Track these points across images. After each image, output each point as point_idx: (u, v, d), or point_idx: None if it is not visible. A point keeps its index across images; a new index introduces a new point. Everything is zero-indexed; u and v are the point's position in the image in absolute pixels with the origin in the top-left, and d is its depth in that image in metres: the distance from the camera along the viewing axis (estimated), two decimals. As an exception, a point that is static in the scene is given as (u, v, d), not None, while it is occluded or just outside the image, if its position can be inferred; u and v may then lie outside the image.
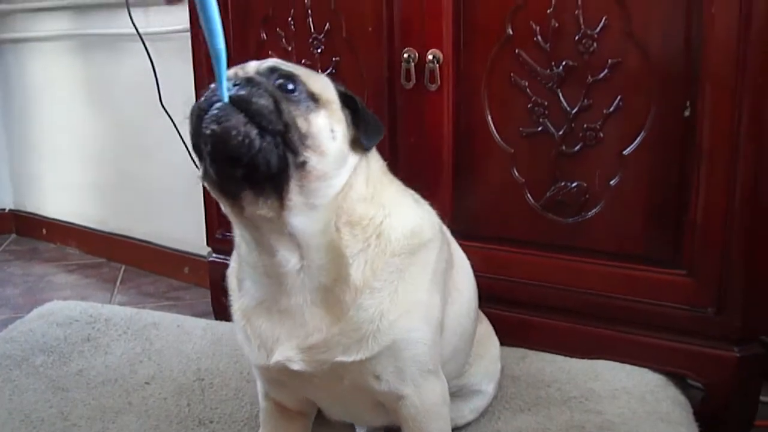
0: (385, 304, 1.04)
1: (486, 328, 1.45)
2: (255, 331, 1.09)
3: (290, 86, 0.98)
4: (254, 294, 1.09)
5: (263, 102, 0.94)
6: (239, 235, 1.07)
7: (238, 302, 1.13)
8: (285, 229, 1.00)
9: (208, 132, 0.92)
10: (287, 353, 1.05)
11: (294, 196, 0.97)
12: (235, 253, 1.14)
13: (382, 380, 1.07)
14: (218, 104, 0.93)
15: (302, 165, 0.96)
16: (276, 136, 0.94)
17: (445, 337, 1.16)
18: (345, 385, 1.09)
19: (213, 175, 0.97)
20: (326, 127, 0.99)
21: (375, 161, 1.10)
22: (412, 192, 1.17)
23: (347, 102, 1.06)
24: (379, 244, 1.05)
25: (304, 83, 1.00)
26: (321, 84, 1.04)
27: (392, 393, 1.09)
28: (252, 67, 1.02)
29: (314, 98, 1.00)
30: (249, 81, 0.96)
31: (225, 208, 1.03)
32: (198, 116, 0.95)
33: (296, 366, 1.05)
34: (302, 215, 0.99)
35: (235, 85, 0.95)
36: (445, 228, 1.22)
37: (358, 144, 1.05)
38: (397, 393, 1.09)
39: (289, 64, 1.04)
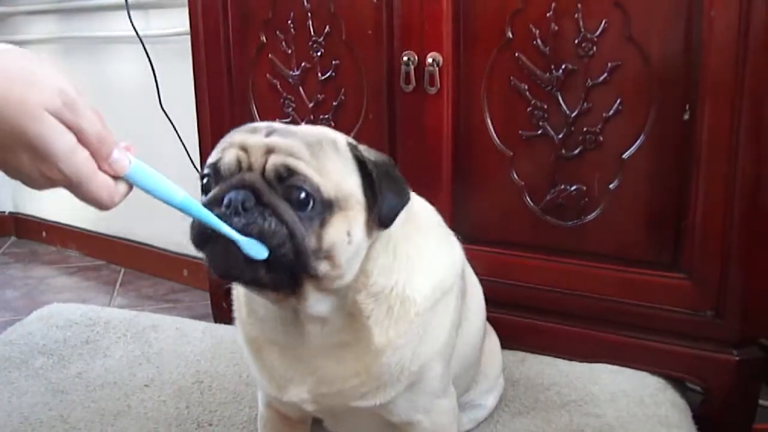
0: (407, 357, 1.00)
1: (492, 343, 1.44)
2: (266, 364, 1.05)
3: (302, 196, 0.87)
4: (267, 333, 1.04)
5: (275, 242, 0.85)
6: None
7: (246, 328, 1.07)
8: (305, 310, 0.96)
9: (210, 263, 0.88)
10: (300, 395, 1.02)
11: (309, 294, 0.93)
12: None
13: (394, 414, 1.06)
14: (223, 238, 0.84)
15: (316, 277, 0.90)
16: (286, 263, 0.87)
17: (451, 364, 1.14)
18: (357, 416, 1.09)
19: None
20: (341, 234, 0.90)
21: (401, 220, 1.00)
22: (435, 225, 1.11)
23: (365, 170, 0.94)
24: (403, 308, 0.99)
25: (318, 187, 0.87)
26: (337, 171, 0.91)
27: (405, 421, 1.08)
28: (256, 156, 0.89)
29: (329, 204, 0.88)
30: (255, 195, 0.86)
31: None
32: (200, 233, 0.87)
33: (309, 407, 1.04)
34: (320, 303, 0.95)
35: (242, 205, 0.85)
36: (462, 253, 1.15)
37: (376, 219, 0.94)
38: (409, 420, 1.08)
39: (298, 150, 0.89)
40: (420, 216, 1.07)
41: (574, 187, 1.53)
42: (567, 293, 1.58)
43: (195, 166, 2.09)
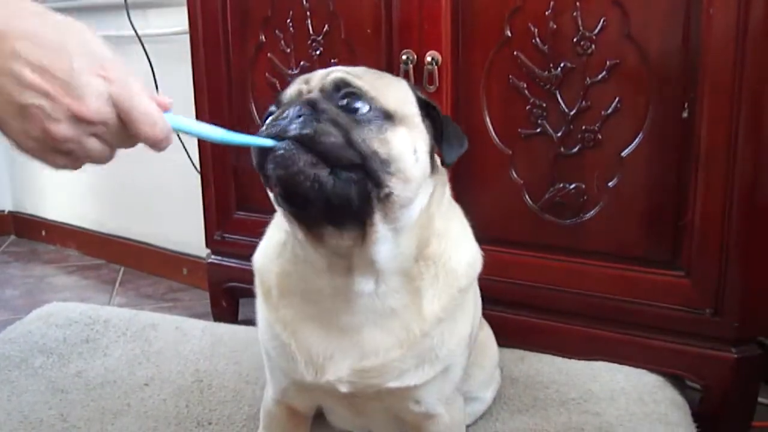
0: (446, 334, 1.01)
1: (486, 335, 1.44)
2: (302, 346, 1.02)
3: (359, 104, 0.88)
4: (307, 309, 1.01)
5: (332, 139, 0.84)
6: (306, 257, 0.99)
7: (279, 311, 1.04)
8: (367, 257, 0.93)
9: (274, 175, 0.85)
10: (339, 373, 1.00)
11: (379, 227, 0.91)
12: (274, 251, 1.05)
13: (422, 403, 1.06)
14: (281, 145, 0.83)
15: (387, 196, 0.88)
16: (353, 170, 0.85)
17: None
18: (380, 406, 1.08)
19: (287, 208, 0.91)
20: (409, 148, 0.90)
21: (446, 187, 1.04)
22: (461, 212, 1.13)
23: (428, 110, 0.97)
24: (447, 279, 1.00)
25: (375, 99, 0.89)
26: (397, 96, 0.93)
27: (427, 413, 1.08)
28: (316, 81, 0.92)
29: (389, 116, 0.89)
30: (311, 106, 0.86)
31: (299, 234, 0.95)
32: (260, 153, 0.86)
33: (344, 388, 1.01)
34: (386, 242, 0.93)
35: (298, 116, 0.85)
36: None
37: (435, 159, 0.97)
38: (431, 413, 1.08)
39: (359, 72, 0.92)
40: (455, 203, 1.11)
41: (573, 186, 1.53)
42: (566, 291, 1.58)
43: (194, 166, 2.09)
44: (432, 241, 0.99)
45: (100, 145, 0.72)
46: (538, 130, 1.54)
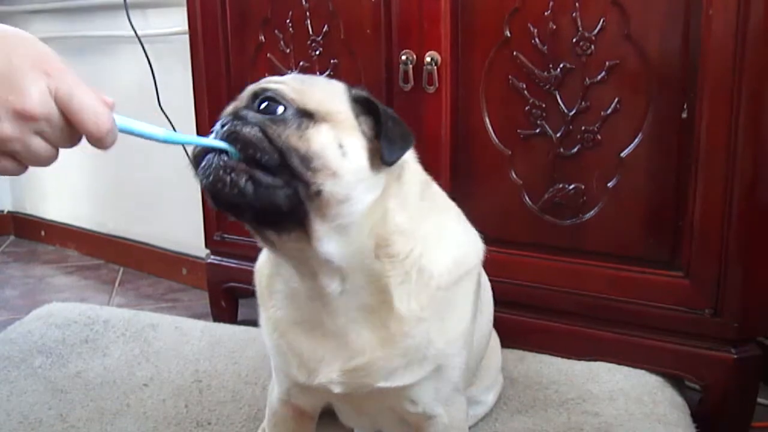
0: (432, 332, 0.99)
1: (493, 340, 1.44)
2: (293, 348, 1.03)
3: (276, 107, 0.89)
4: (293, 313, 1.03)
5: (246, 133, 0.86)
6: (283, 266, 1.01)
7: (269, 312, 1.06)
8: (319, 257, 0.93)
9: (202, 185, 0.88)
10: (331, 375, 1.00)
11: (317, 226, 0.90)
12: (266, 253, 1.08)
13: (419, 403, 1.06)
14: (206, 156, 0.87)
15: (317, 194, 0.88)
16: (277, 173, 0.86)
17: (470, 355, 1.14)
18: (379, 405, 1.09)
19: (226, 214, 0.92)
20: (331, 142, 0.89)
21: (411, 183, 1.01)
22: (454, 208, 1.12)
23: (369, 109, 0.95)
24: (421, 278, 0.98)
25: (293, 99, 0.90)
26: (321, 95, 0.93)
27: (425, 414, 1.08)
28: (245, 94, 0.95)
29: (308, 114, 0.89)
30: (233, 115, 0.90)
31: (254, 237, 0.97)
32: (195, 162, 0.89)
33: (337, 389, 1.02)
34: (333, 241, 0.92)
35: (222, 126, 0.89)
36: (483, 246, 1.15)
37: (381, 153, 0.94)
38: (429, 414, 1.08)
39: (283, 79, 0.95)
40: (438, 196, 1.09)
41: (572, 186, 1.53)
42: (565, 292, 1.58)
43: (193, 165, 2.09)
44: (395, 239, 0.96)
45: (44, 144, 0.70)
46: (538, 130, 1.54)
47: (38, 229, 3.19)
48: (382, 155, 0.92)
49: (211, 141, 0.87)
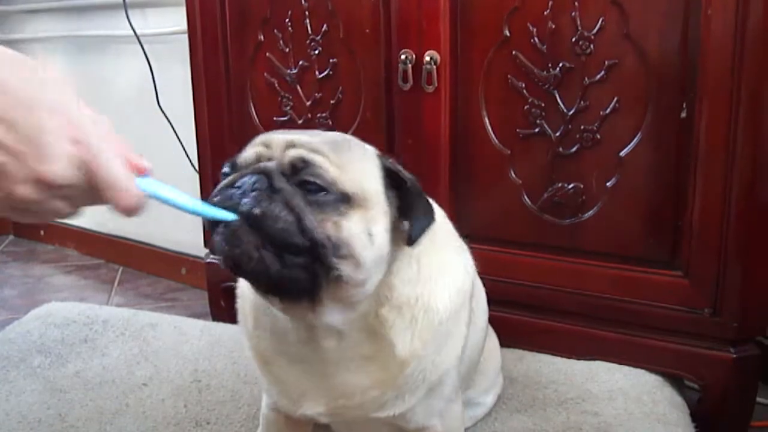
0: (428, 366, 0.98)
1: (491, 343, 1.43)
2: (277, 378, 1.02)
3: (315, 185, 0.84)
4: (277, 347, 1.00)
5: (280, 225, 0.81)
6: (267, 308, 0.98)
7: (252, 342, 1.04)
8: (320, 324, 0.92)
9: (218, 248, 0.83)
10: (316, 409, 0.99)
11: (327, 302, 0.89)
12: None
13: (412, 421, 1.05)
14: (229, 221, 0.82)
15: (337, 278, 0.85)
16: (301, 254, 0.83)
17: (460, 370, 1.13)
18: (370, 426, 1.09)
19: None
20: (361, 232, 0.86)
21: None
22: (450, 233, 1.09)
23: (395, 181, 0.91)
24: (427, 317, 0.96)
25: (334, 181, 0.84)
26: (359, 174, 0.88)
27: (419, 427, 1.07)
28: (276, 148, 0.88)
29: (347, 198, 0.85)
30: (267, 179, 0.84)
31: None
32: (210, 220, 0.84)
33: (324, 419, 1.01)
34: (338, 314, 0.91)
35: (252, 190, 0.82)
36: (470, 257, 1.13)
37: (401, 232, 0.92)
38: (424, 426, 1.07)
39: (320, 147, 0.87)
40: (437, 227, 1.03)
41: (571, 186, 1.53)
42: (564, 291, 1.58)
43: (193, 165, 2.09)
44: (401, 291, 0.95)
45: (65, 206, 0.70)
46: (537, 130, 1.54)
47: (37, 229, 3.19)
48: (409, 236, 0.90)
49: (231, 216, 0.82)
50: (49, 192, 0.67)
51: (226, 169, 0.90)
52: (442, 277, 1.00)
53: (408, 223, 0.91)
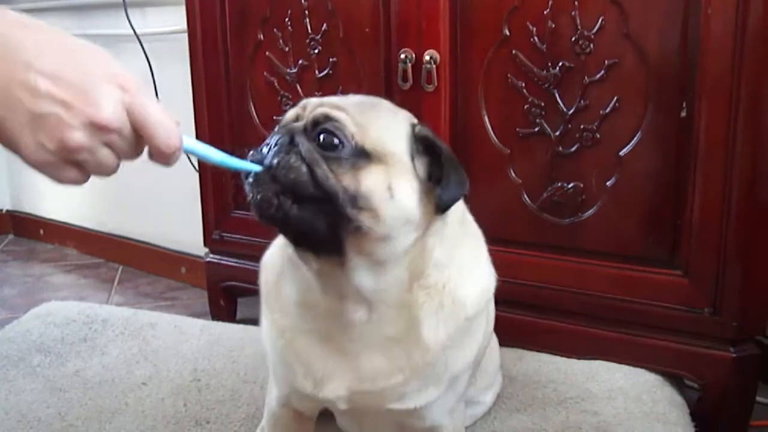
0: (450, 360, 0.99)
1: (491, 342, 1.42)
2: (301, 357, 1.01)
3: (335, 141, 0.87)
4: (303, 323, 1.00)
5: (292, 176, 0.86)
6: (302, 270, 0.97)
7: (274, 317, 1.03)
8: (351, 284, 0.92)
9: (249, 198, 0.89)
10: (339, 392, 0.99)
11: (353, 256, 0.90)
12: (280, 252, 1.04)
13: (427, 419, 1.05)
14: (253, 172, 0.88)
15: (357, 229, 0.87)
16: (320, 203, 0.86)
17: None
18: (383, 419, 1.08)
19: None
20: (380, 185, 0.87)
21: (453, 217, 0.98)
22: (480, 234, 1.10)
23: (429, 148, 0.93)
24: (454, 308, 0.97)
25: (353, 135, 0.88)
26: (382, 133, 0.90)
27: (430, 427, 1.07)
28: (309, 108, 0.93)
29: (364, 153, 0.88)
30: (290, 137, 0.89)
31: (288, 249, 0.97)
32: (245, 174, 0.90)
33: (343, 405, 1.01)
34: (367, 273, 0.92)
35: (275, 145, 0.89)
36: None
37: (432, 199, 0.92)
38: (437, 424, 1.07)
39: (348, 105, 0.92)
40: (471, 223, 1.07)
41: (571, 185, 1.53)
42: (564, 290, 1.58)
43: (192, 164, 2.09)
44: (431, 272, 0.96)
45: (111, 155, 0.72)
46: (537, 129, 1.54)
47: (37, 228, 3.19)
48: (439, 201, 0.91)
49: (256, 167, 0.88)
50: (100, 136, 0.69)
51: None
52: (471, 271, 1.01)
53: (439, 189, 0.91)
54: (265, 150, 0.89)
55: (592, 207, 1.52)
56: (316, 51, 1.75)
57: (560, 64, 1.49)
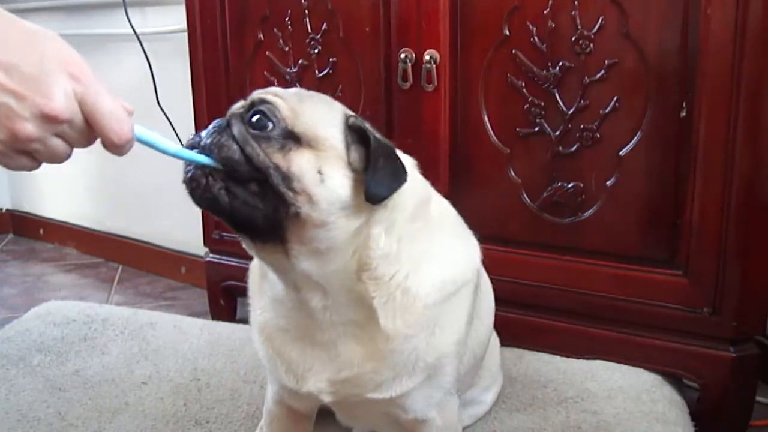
0: (422, 347, 0.99)
1: (492, 341, 1.42)
2: (281, 354, 1.04)
3: (260, 118, 0.90)
4: (279, 320, 1.03)
5: (224, 153, 0.88)
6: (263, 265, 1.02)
7: (256, 313, 1.07)
8: (298, 272, 0.94)
9: (185, 185, 0.91)
10: (319, 384, 1.01)
11: (294, 244, 0.91)
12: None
13: (410, 410, 1.05)
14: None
15: (296, 215, 0.88)
16: (257, 185, 0.88)
17: (463, 362, 1.13)
18: (371, 411, 1.09)
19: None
20: (310, 168, 0.88)
21: (403, 208, 0.97)
22: (451, 222, 1.09)
23: (364, 140, 0.93)
24: (406, 299, 0.97)
25: (285, 118, 0.90)
26: (314, 119, 0.92)
27: (417, 419, 1.07)
28: (248, 99, 0.96)
29: (294, 136, 0.89)
30: (226, 121, 0.92)
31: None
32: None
33: (327, 398, 1.02)
34: (310, 260, 0.93)
35: (211, 130, 0.91)
36: (479, 251, 1.13)
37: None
38: (422, 418, 1.07)
39: (284, 93, 0.94)
40: (434, 217, 1.05)
41: (571, 185, 1.53)
42: (564, 290, 1.58)
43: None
44: (378, 263, 0.95)
45: (63, 145, 0.72)
46: (537, 129, 1.54)
47: (37, 228, 3.19)
48: (366, 191, 0.90)
49: (184, 152, 0.88)
50: (51, 127, 0.70)
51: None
52: (428, 263, 0.99)
53: (366, 180, 0.91)
54: (203, 134, 0.91)
55: (592, 207, 1.52)
56: (316, 51, 1.75)
57: (560, 63, 1.49)
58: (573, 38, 1.46)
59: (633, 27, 1.41)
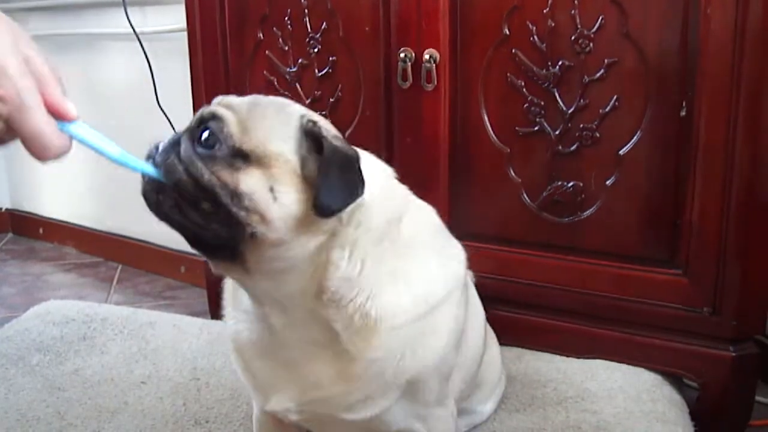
0: (390, 369, 0.95)
1: (491, 354, 1.39)
2: (249, 369, 1.02)
3: (207, 136, 0.86)
4: (248, 334, 1.00)
5: (171, 174, 0.86)
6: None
7: (231, 324, 1.04)
8: (256, 289, 0.92)
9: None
10: (285, 404, 0.98)
11: (253, 264, 0.88)
12: None
13: (392, 424, 1.02)
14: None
15: (252, 236, 0.85)
16: (200, 202, 0.85)
17: (453, 378, 1.10)
18: (348, 429, 1.06)
19: None
20: (260, 187, 0.84)
21: (367, 229, 0.91)
22: (429, 238, 1.03)
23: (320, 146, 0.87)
24: (367, 322, 0.92)
25: (231, 135, 0.86)
26: (265, 133, 0.87)
27: (400, 430, 1.04)
28: (197, 115, 0.92)
29: (242, 154, 0.85)
30: (177, 137, 0.89)
31: None
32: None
33: (294, 417, 1.00)
34: (269, 280, 0.90)
35: (166, 143, 0.90)
36: (463, 266, 1.08)
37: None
38: (407, 429, 1.04)
39: (238, 105, 0.90)
40: (404, 237, 0.98)
41: (570, 184, 1.53)
42: (564, 290, 1.58)
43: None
44: (338, 285, 0.91)
45: None
46: (536, 128, 1.54)
47: (36, 227, 3.19)
48: (314, 203, 0.85)
49: (153, 171, 0.88)
50: None
51: None
52: (394, 284, 0.94)
53: (316, 191, 0.86)
54: (160, 146, 0.90)
55: (592, 206, 1.52)
56: (316, 50, 1.75)
57: (560, 63, 1.48)
58: (573, 38, 1.46)
59: (633, 26, 1.41)
